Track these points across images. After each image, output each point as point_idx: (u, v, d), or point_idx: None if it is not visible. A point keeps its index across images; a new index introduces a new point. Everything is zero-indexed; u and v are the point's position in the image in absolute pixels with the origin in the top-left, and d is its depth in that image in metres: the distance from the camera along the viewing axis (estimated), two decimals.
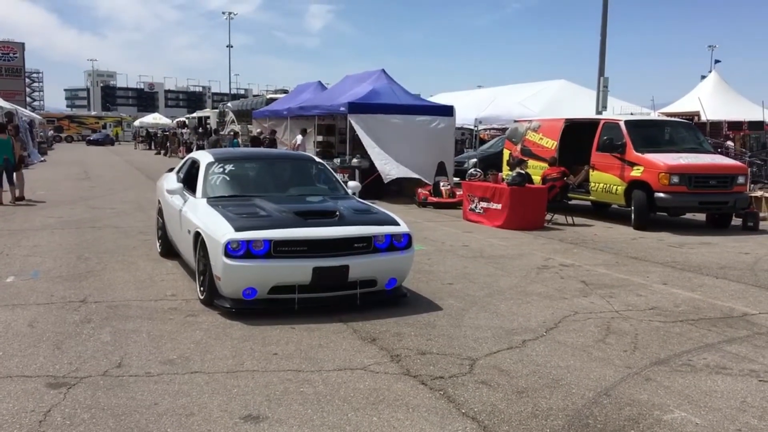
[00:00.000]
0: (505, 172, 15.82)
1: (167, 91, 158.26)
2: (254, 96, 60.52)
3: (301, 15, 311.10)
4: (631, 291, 7.89)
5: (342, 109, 18.28)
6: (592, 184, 14.42)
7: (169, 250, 9.02)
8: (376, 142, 17.56)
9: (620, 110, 25.74)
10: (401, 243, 6.73)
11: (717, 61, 37.84)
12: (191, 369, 5.09)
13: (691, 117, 21.66)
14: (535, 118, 17.81)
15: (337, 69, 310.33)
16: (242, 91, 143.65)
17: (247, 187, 7.82)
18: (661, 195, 12.79)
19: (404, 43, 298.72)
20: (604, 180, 14.05)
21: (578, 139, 15.02)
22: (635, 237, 12.23)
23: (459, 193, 15.99)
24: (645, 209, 13.10)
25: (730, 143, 19.76)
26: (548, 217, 13.56)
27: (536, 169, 14.83)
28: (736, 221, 13.76)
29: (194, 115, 48.28)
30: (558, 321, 6.55)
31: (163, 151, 44.27)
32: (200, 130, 41.64)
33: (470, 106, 27.42)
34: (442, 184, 16.98)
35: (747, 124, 21.04)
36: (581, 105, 24.96)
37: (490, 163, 19.68)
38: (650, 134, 14.18)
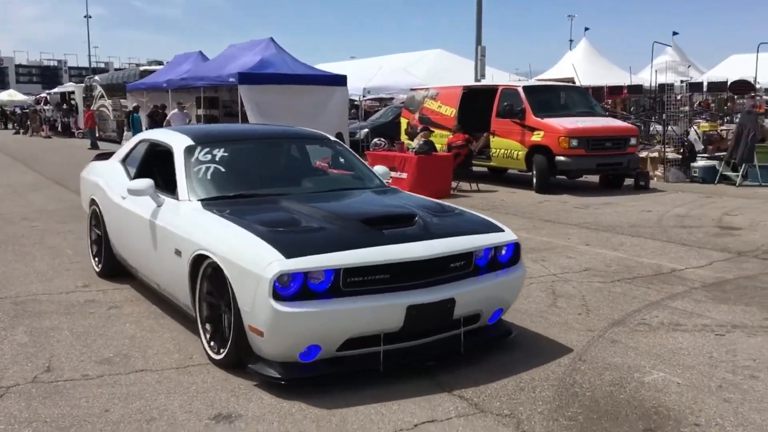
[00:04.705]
0: (404, 141, 15.69)
1: (18, 66, 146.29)
2: (116, 69, 56.76)
3: None
4: (560, 253, 7.96)
5: (231, 80, 17.46)
6: (493, 150, 14.58)
7: (117, 270, 6.63)
8: (267, 115, 16.86)
9: (504, 78, 26.33)
10: (505, 256, 4.80)
11: (586, 29, 39.60)
12: (135, 367, 4.56)
13: (568, 83, 22.48)
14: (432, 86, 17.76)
15: (204, 41, 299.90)
16: (102, 65, 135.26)
17: (253, 181, 5.62)
18: (562, 158, 13.12)
19: (272, 15, 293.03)
20: (505, 146, 14.24)
21: (477, 105, 15.11)
22: (541, 201, 12.48)
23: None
24: (546, 173, 13.40)
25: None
26: (453, 184, 13.58)
27: (436, 137, 14.79)
28: (627, 181, 14.37)
29: (56, 90, 44.71)
30: None
31: (22, 130, 40.88)
32: (65, 106, 38.82)
33: (351, 77, 27.03)
34: None
35: (627, 88, 22.14)
36: (460, 74, 25.30)
37: (382, 133, 19.54)
38: (547, 99, 14.48)
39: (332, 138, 6.66)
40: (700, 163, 15.20)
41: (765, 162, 14.66)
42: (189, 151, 5.56)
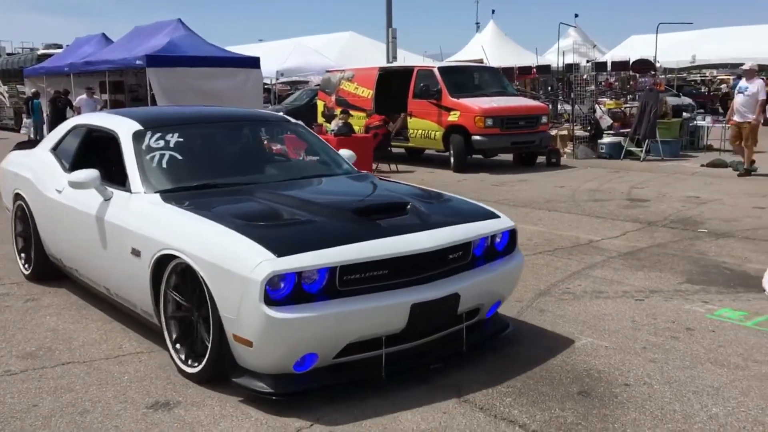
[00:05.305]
0: (323, 124, 15.61)
1: None
2: (9, 54, 53.48)
3: None
4: None
5: (139, 62, 16.79)
6: (411, 131, 14.70)
7: (49, 273, 5.94)
8: (177, 99, 16.38)
9: (417, 60, 26.54)
10: (501, 244, 4.47)
11: (493, 11, 40.42)
12: (61, 360, 4.37)
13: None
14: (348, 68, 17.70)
15: (103, 23, 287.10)
16: None
17: (216, 169, 5.04)
18: (478, 138, 13.38)
19: None
20: (423, 126, 14.38)
21: (393, 87, 15.17)
22: (459, 179, 12.70)
23: (276, 147, 15.46)
24: (463, 152, 13.65)
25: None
26: (373, 166, 13.62)
27: (354, 119, 14.77)
28: (539, 159, 14.81)
29: None
30: None
31: None
32: None
33: (262, 60, 26.45)
34: None
35: (536, 68, 22.78)
36: (372, 56, 25.37)
37: (298, 116, 19.30)
38: (462, 80, 14.69)
39: (292, 120, 6.13)
40: (607, 139, 15.83)
41: (666, 137, 15.43)
42: (138, 136, 4.92)
